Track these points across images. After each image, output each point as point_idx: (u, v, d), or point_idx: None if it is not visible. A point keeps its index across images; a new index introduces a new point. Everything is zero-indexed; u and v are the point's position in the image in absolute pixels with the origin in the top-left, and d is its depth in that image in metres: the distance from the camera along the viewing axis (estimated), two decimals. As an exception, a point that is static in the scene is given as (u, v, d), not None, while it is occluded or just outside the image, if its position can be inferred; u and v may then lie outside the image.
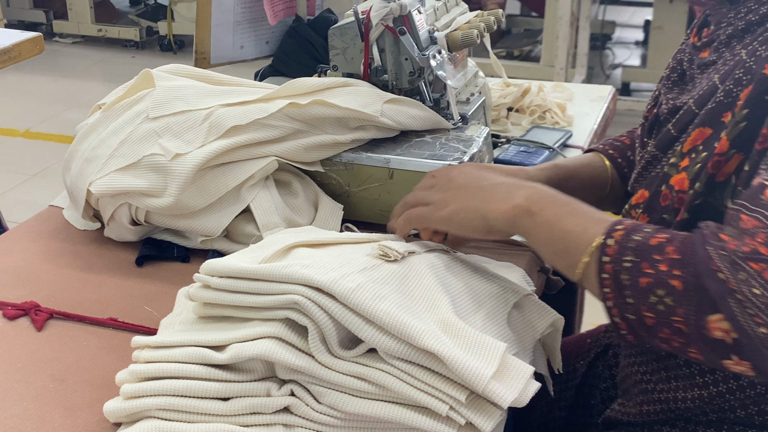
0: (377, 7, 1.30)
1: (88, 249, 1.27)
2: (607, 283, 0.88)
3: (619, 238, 0.88)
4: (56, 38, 5.54)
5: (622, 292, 0.87)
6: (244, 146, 1.21)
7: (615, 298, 0.88)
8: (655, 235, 0.88)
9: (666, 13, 4.25)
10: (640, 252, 0.87)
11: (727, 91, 0.97)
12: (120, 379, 0.92)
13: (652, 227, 0.90)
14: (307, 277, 0.88)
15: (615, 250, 0.88)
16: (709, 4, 1.08)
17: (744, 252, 0.81)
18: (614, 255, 0.88)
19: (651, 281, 0.85)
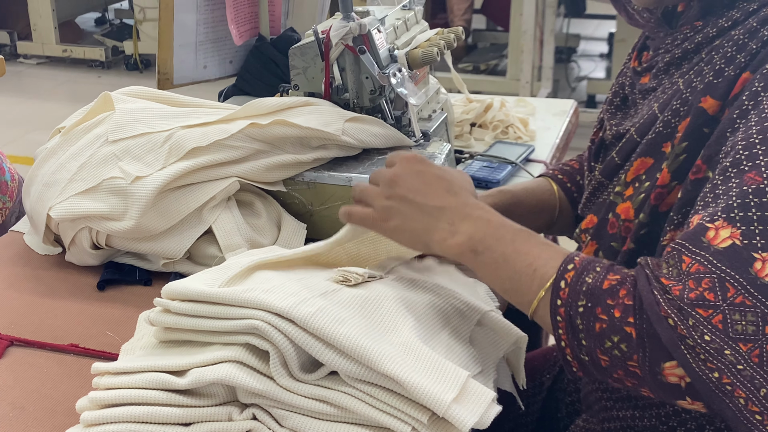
0: (337, 27, 1.30)
1: (49, 274, 1.26)
2: (561, 326, 0.88)
3: (570, 281, 0.88)
4: (20, 59, 5.50)
5: (577, 335, 0.87)
6: (205, 168, 1.21)
7: (569, 340, 0.88)
8: (606, 276, 0.87)
9: (629, 26, 4.28)
10: (593, 296, 0.86)
11: (665, 121, 0.98)
12: (80, 406, 0.91)
13: (602, 265, 0.89)
14: (267, 302, 0.87)
15: (567, 293, 0.88)
16: (648, 26, 1.10)
17: (690, 299, 0.81)
18: (567, 299, 0.87)
19: (605, 327, 0.85)
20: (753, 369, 0.80)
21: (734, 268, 0.81)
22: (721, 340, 0.80)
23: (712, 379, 0.81)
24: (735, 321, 0.80)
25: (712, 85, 0.94)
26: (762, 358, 0.80)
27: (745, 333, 0.80)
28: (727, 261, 0.81)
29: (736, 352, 0.80)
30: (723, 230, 0.83)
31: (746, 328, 0.80)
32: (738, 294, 0.80)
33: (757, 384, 0.81)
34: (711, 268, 0.82)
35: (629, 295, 0.85)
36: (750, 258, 0.81)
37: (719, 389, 0.81)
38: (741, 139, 0.87)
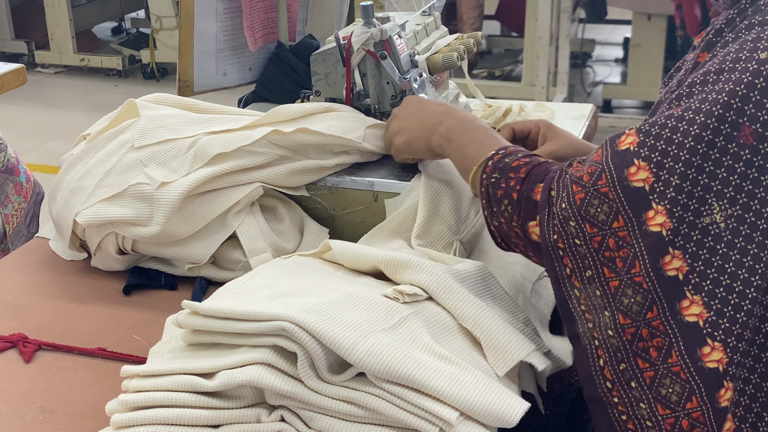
0: (358, 33, 1.31)
1: (75, 279, 1.28)
2: (483, 195, 1.06)
3: (495, 160, 1.07)
4: (38, 68, 5.54)
5: (490, 202, 1.05)
6: (229, 173, 1.22)
7: (486, 208, 1.06)
8: (520, 159, 1.05)
9: (644, 31, 4.29)
10: (503, 171, 1.04)
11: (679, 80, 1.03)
12: (110, 409, 0.92)
13: (526, 153, 1.06)
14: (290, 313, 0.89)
15: (490, 169, 1.06)
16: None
17: (573, 175, 0.95)
18: (488, 173, 1.06)
19: (502, 192, 1.03)
20: (588, 250, 0.93)
21: (615, 165, 0.92)
22: (572, 212, 0.93)
23: (551, 239, 0.96)
24: (592, 204, 0.92)
25: (710, 42, 1.00)
26: (600, 246, 0.92)
27: (595, 217, 0.92)
28: (615, 159, 0.93)
29: (579, 227, 0.93)
30: (630, 137, 0.94)
31: (598, 214, 0.92)
32: (606, 185, 0.92)
33: (586, 264, 0.93)
34: (602, 160, 0.94)
35: (526, 170, 1.02)
36: (630, 162, 0.92)
37: (553, 251, 0.96)
38: (692, 77, 0.95)
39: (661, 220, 0.90)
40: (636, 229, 0.91)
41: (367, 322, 0.91)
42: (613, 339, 0.92)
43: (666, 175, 0.90)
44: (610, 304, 0.92)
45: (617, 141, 0.95)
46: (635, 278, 0.90)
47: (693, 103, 0.92)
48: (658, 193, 0.90)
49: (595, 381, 0.93)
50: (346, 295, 0.95)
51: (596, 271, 0.92)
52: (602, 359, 0.92)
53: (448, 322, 0.99)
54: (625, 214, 0.91)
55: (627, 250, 0.91)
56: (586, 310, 0.94)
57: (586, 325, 0.94)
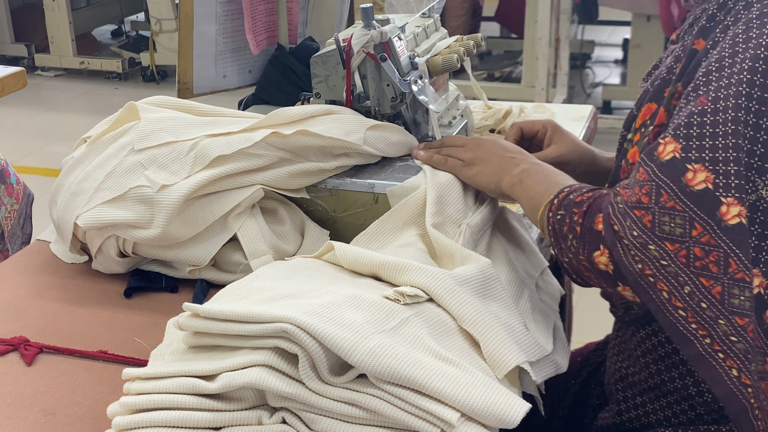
0: (358, 35, 1.31)
1: (76, 282, 1.28)
2: (550, 233, 1.07)
3: (561, 198, 1.07)
4: (38, 71, 5.54)
5: (558, 239, 1.06)
6: (230, 176, 1.22)
7: (555, 245, 1.07)
8: (583, 194, 1.05)
9: (644, 32, 4.30)
10: (567, 207, 1.05)
11: (669, 67, 1.05)
12: (111, 412, 0.92)
13: (590, 189, 1.06)
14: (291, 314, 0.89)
15: (555, 206, 1.07)
16: None
17: (631, 202, 0.95)
18: (554, 210, 1.07)
19: (567, 228, 1.04)
20: (678, 267, 0.91)
21: (670, 177, 0.93)
22: (647, 237, 0.93)
23: (636, 269, 0.94)
24: (663, 222, 0.92)
25: (704, 28, 1.01)
26: (689, 259, 0.90)
27: (672, 233, 0.92)
28: (666, 171, 0.93)
29: (660, 248, 0.92)
30: (669, 145, 0.94)
31: (674, 229, 0.92)
32: (670, 199, 0.92)
33: (681, 281, 0.91)
34: (653, 176, 0.94)
35: (588, 204, 1.02)
36: (684, 169, 0.92)
37: (643, 280, 0.94)
38: (703, 66, 0.96)
39: (737, 211, 0.91)
40: (716, 229, 0.91)
41: (368, 324, 0.91)
42: (739, 344, 0.91)
43: (723, 167, 0.91)
44: (721, 312, 0.91)
45: (656, 153, 0.95)
46: (736, 276, 0.91)
47: (717, 91, 0.93)
48: (723, 186, 0.91)
49: (737, 393, 0.92)
50: (347, 297, 0.95)
51: (694, 285, 0.92)
52: (735, 369, 0.91)
53: (449, 323, 0.99)
54: (701, 219, 0.91)
55: (716, 253, 0.91)
56: (698, 328, 0.92)
57: (704, 341, 0.92)
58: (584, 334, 1.94)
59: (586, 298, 2.57)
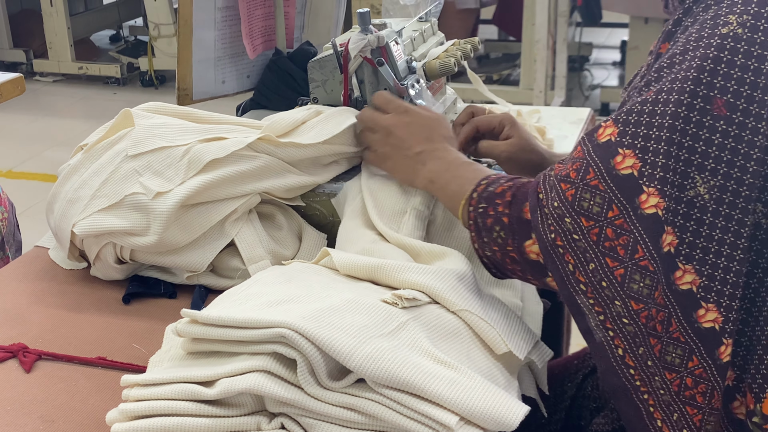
0: (355, 40, 1.31)
1: (74, 288, 1.28)
2: (472, 228, 1.07)
3: (480, 191, 1.07)
4: (37, 77, 5.54)
5: (480, 233, 1.05)
6: (225, 185, 1.22)
7: (477, 240, 1.06)
8: (503, 184, 1.05)
9: (642, 34, 4.30)
10: (489, 199, 1.05)
11: (642, 75, 1.07)
12: (110, 419, 0.92)
13: (508, 178, 1.06)
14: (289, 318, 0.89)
15: (476, 200, 1.07)
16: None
17: (560, 175, 0.97)
18: (475, 204, 1.06)
19: (492, 220, 1.03)
20: (587, 243, 0.94)
21: (600, 157, 0.95)
22: (565, 209, 0.95)
23: (549, 238, 0.96)
24: (584, 198, 0.94)
25: (669, 32, 1.03)
26: (599, 237, 0.93)
27: (589, 210, 0.94)
28: (599, 151, 0.95)
29: (575, 222, 0.94)
30: (608, 128, 0.96)
31: (592, 207, 0.94)
32: (595, 178, 0.94)
33: (588, 257, 0.94)
34: (585, 155, 0.96)
35: (511, 194, 1.03)
36: (615, 152, 0.94)
37: (553, 250, 0.96)
38: (658, 63, 0.98)
39: (655, 201, 0.92)
40: (632, 215, 0.93)
41: (366, 328, 0.91)
42: (630, 326, 0.94)
43: (652, 158, 0.93)
44: (619, 293, 0.93)
45: (595, 135, 0.97)
46: (640, 263, 0.93)
47: (664, 85, 0.95)
48: (647, 176, 0.93)
49: (617, 371, 0.95)
50: (345, 301, 0.95)
51: (599, 263, 0.94)
52: (621, 348, 0.95)
53: (447, 326, 0.99)
54: (619, 203, 0.93)
55: (626, 237, 0.93)
56: (594, 304, 0.95)
57: (598, 318, 0.95)
58: (582, 338, 1.94)
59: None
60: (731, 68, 0.92)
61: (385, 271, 1.05)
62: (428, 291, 1.01)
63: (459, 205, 1.10)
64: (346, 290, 1.00)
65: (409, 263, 1.06)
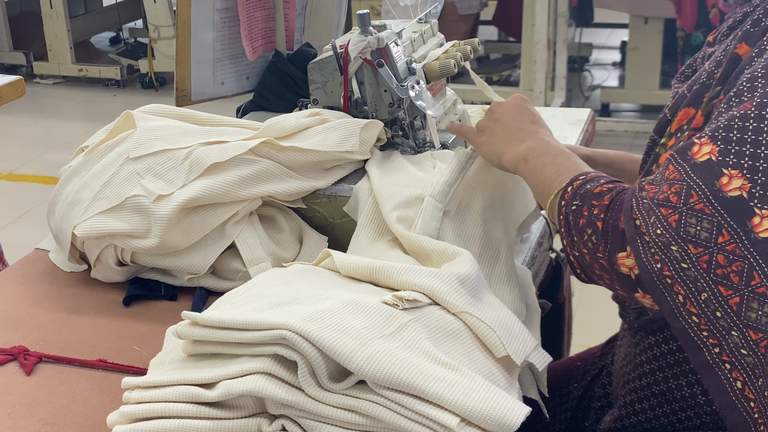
0: (355, 41, 1.31)
1: (75, 291, 1.28)
2: (562, 223, 1.02)
3: (576, 186, 1.02)
4: (37, 79, 5.54)
5: (570, 231, 1.00)
6: (227, 188, 1.21)
7: (566, 236, 1.01)
8: (602, 185, 1.00)
9: (641, 34, 4.30)
10: (584, 198, 0.99)
11: (709, 72, 1.02)
12: (111, 421, 0.92)
13: (609, 179, 1.01)
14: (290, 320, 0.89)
15: (570, 195, 1.01)
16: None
17: (658, 199, 0.91)
18: (568, 200, 1.01)
19: (585, 221, 0.98)
20: (698, 272, 0.88)
21: (703, 179, 0.89)
22: (670, 236, 0.89)
23: (655, 269, 0.90)
24: (689, 224, 0.89)
25: (748, 33, 0.98)
26: (710, 265, 0.87)
27: (697, 237, 0.88)
28: (699, 172, 0.90)
29: (682, 250, 0.89)
30: (705, 146, 0.91)
31: (699, 232, 0.88)
32: (699, 201, 0.89)
33: (699, 287, 0.88)
34: (684, 176, 0.90)
35: (610, 197, 0.97)
36: (719, 172, 0.89)
37: (660, 281, 0.90)
38: (748, 72, 0.93)
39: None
40: (745, 239, 0.87)
41: (366, 330, 0.91)
42: (749, 357, 0.89)
43: (762, 178, 0.88)
44: (735, 323, 0.88)
45: (690, 153, 0.92)
46: (757, 290, 0.87)
47: (763, 98, 0.90)
48: (759, 197, 0.88)
49: (737, 405, 0.90)
50: (346, 303, 0.95)
51: (712, 292, 0.89)
52: (740, 381, 0.89)
53: (448, 327, 0.99)
54: (729, 227, 0.88)
55: (740, 264, 0.88)
56: (709, 336, 0.90)
57: (713, 350, 0.90)
58: (584, 338, 1.94)
59: (586, 303, 2.57)
60: None
61: (386, 273, 1.04)
62: (429, 292, 1.01)
63: (551, 194, 1.05)
64: (346, 292, 1.00)
65: (411, 265, 1.06)
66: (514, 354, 0.99)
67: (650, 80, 4.27)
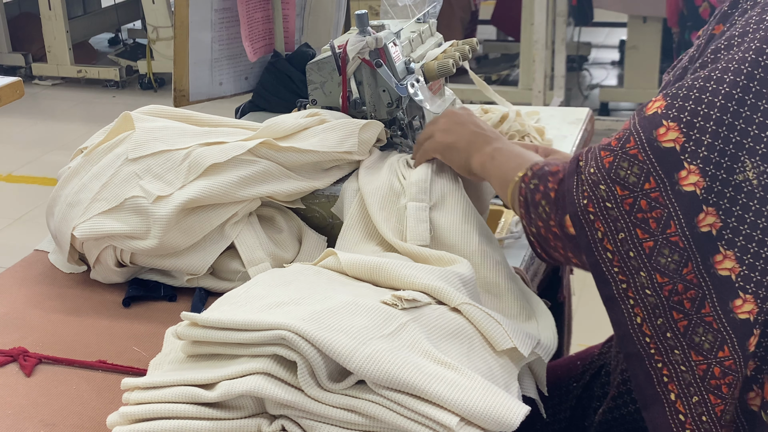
0: (353, 41, 1.31)
1: (74, 292, 1.28)
2: (521, 203, 1.06)
3: (535, 169, 1.06)
4: (36, 81, 5.54)
5: (528, 208, 1.04)
6: (226, 189, 1.21)
7: (525, 215, 1.05)
8: (559, 164, 1.03)
9: (640, 33, 4.30)
10: (541, 176, 1.03)
11: (690, 56, 1.05)
12: (111, 422, 0.92)
13: (564, 159, 1.06)
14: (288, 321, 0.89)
15: (529, 177, 1.05)
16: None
17: (602, 144, 0.96)
18: (527, 181, 1.05)
19: (540, 195, 1.02)
20: (620, 212, 0.93)
21: (643, 127, 0.93)
22: (601, 176, 0.93)
23: (581, 203, 0.95)
24: (621, 167, 0.93)
25: (725, 14, 1.01)
26: (632, 208, 0.92)
27: (625, 180, 0.92)
28: (643, 122, 0.94)
29: (609, 190, 0.93)
30: (657, 102, 0.95)
31: (628, 176, 0.92)
32: (635, 147, 0.93)
33: (618, 227, 0.93)
34: (630, 126, 0.95)
35: (564, 172, 1.00)
36: (659, 123, 0.93)
37: (584, 216, 0.95)
38: (714, 44, 0.96)
39: (695, 180, 0.91)
40: (669, 190, 0.92)
41: (366, 329, 0.91)
42: (651, 297, 0.93)
43: (697, 135, 0.91)
44: (645, 265, 0.93)
45: (645, 108, 0.96)
46: (671, 238, 0.92)
47: (720, 64, 0.93)
48: (690, 152, 0.91)
49: (633, 337, 0.95)
50: (345, 303, 0.95)
51: (629, 233, 0.93)
52: (639, 317, 0.94)
53: (447, 326, 0.99)
54: (657, 175, 0.92)
55: (660, 211, 0.92)
56: (619, 272, 0.95)
57: (620, 286, 0.95)
58: (584, 338, 1.94)
59: (586, 302, 2.57)
60: None
61: (388, 270, 1.05)
62: (431, 289, 1.01)
63: (510, 183, 1.08)
64: (346, 292, 1.00)
65: (414, 263, 1.06)
66: (521, 345, 0.99)
67: (649, 79, 4.27)
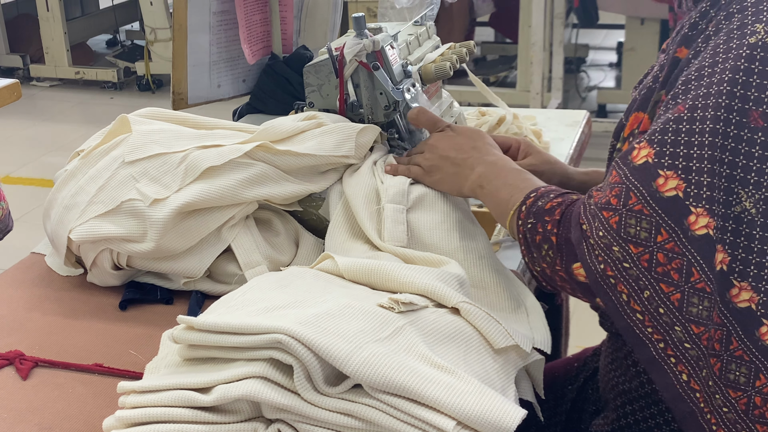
0: (350, 44, 1.31)
1: (71, 295, 1.27)
2: (521, 242, 1.06)
3: (528, 205, 1.06)
4: (33, 82, 5.54)
5: (530, 248, 1.05)
6: (222, 192, 1.21)
7: (527, 254, 1.06)
8: (552, 200, 1.04)
9: (638, 35, 4.31)
10: (537, 215, 1.04)
11: (654, 76, 1.05)
12: (107, 426, 0.92)
13: (558, 193, 1.05)
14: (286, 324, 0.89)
15: (524, 214, 1.06)
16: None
17: (601, 203, 0.95)
18: (524, 219, 1.06)
19: (540, 237, 1.02)
20: (639, 270, 0.92)
21: (641, 181, 0.93)
22: (612, 237, 0.93)
23: (599, 269, 0.94)
24: (629, 224, 0.92)
25: (686, 36, 1.01)
26: (651, 263, 0.90)
27: (637, 236, 0.92)
28: (638, 175, 0.93)
29: (624, 250, 0.92)
30: (643, 150, 0.94)
31: (639, 232, 0.92)
32: (638, 203, 0.92)
33: (641, 285, 0.91)
34: (624, 179, 0.94)
35: (560, 212, 1.02)
36: (655, 174, 0.92)
37: (604, 281, 0.94)
38: (684, 75, 0.96)
39: (705, 222, 0.90)
40: (682, 237, 0.91)
41: (362, 333, 0.91)
42: (692, 350, 0.92)
43: (696, 177, 0.91)
44: (678, 318, 0.92)
45: (630, 157, 0.95)
46: (697, 285, 0.91)
47: (695, 100, 0.93)
48: (694, 196, 0.91)
49: (684, 397, 0.94)
50: (342, 306, 0.95)
51: (654, 290, 0.92)
52: (685, 374, 0.93)
53: (444, 330, 0.99)
54: (667, 226, 0.91)
55: (679, 261, 0.91)
56: (653, 332, 0.93)
57: (658, 346, 0.94)
58: (581, 339, 1.94)
59: (583, 304, 2.57)
60: (763, 78, 0.90)
61: (386, 273, 1.05)
62: (429, 289, 1.01)
63: (507, 215, 1.09)
64: (342, 295, 1.00)
65: (413, 265, 1.07)
66: (522, 341, 0.99)
67: (647, 81, 4.27)
